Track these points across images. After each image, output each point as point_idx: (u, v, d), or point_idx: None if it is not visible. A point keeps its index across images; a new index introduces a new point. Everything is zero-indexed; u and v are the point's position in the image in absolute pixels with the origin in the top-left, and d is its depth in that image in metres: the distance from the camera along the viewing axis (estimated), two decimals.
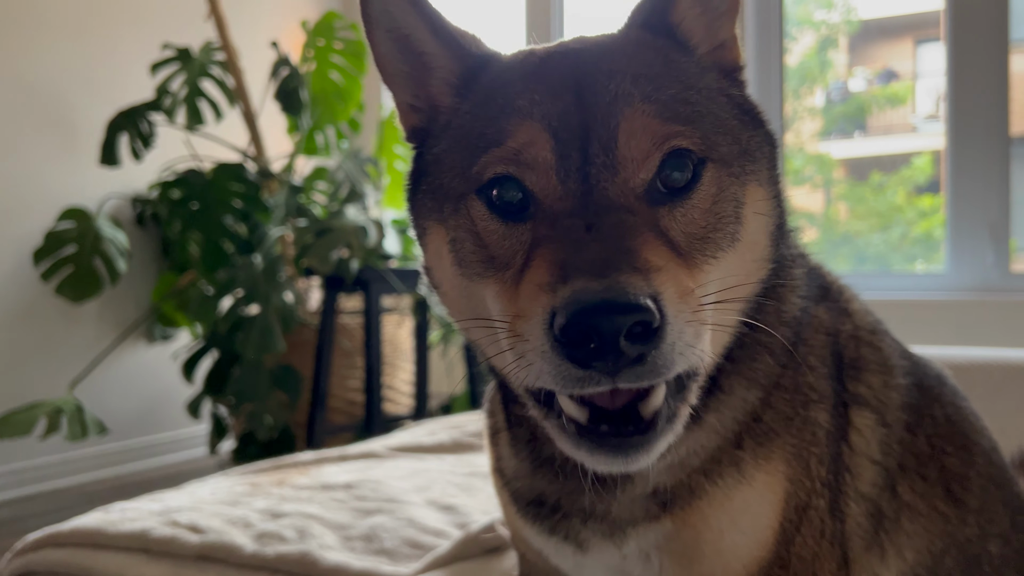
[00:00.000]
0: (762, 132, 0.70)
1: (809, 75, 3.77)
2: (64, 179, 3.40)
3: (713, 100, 0.65)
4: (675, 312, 0.51)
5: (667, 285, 0.52)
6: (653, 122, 0.60)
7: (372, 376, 3.08)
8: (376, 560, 1.28)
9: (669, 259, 0.55)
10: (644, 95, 0.60)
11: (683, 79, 0.64)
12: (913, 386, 0.85)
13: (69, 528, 1.50)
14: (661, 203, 0.60)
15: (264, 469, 1.81)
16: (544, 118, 0.60)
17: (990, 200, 2.93)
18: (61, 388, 3.24)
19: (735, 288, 0.63)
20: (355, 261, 3.04)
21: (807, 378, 0.74)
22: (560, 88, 0.61)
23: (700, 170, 0.61)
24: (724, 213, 0.62)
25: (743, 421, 0.72)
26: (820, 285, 0.83)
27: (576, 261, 0.51)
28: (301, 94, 3.20)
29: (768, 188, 0.68)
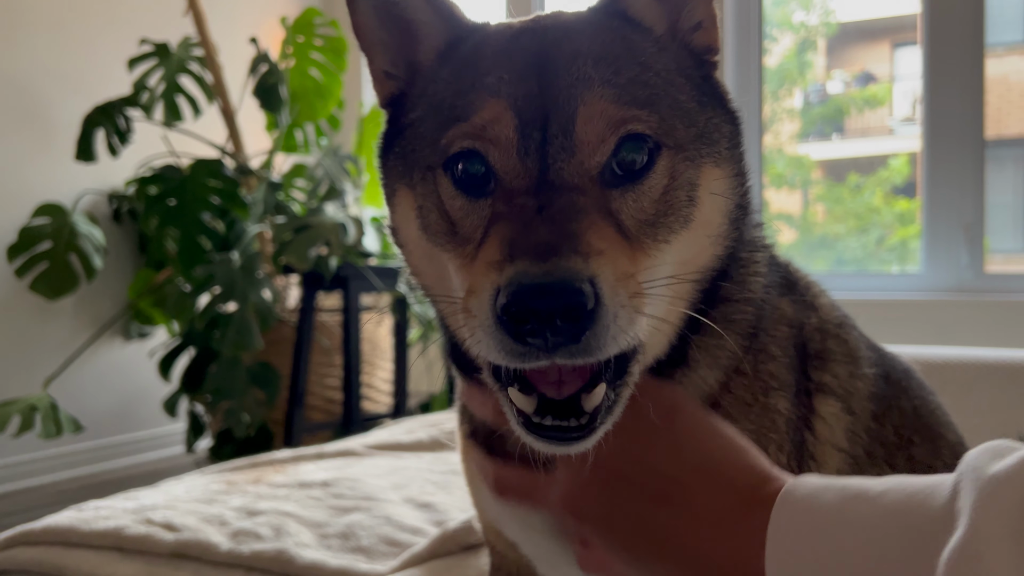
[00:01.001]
0: (722, 112, 0.70)
1: (788, 77, 3.80)
2: (39, 174, 3.37)
3: (672, 83, 0.66)
4: (611, 295, 0.53)
5: (605, 269, 0.54)
6: (610, 106, 0.61)
7: (351, 374, 3.07)
8: (353, 558, 1.27)
9: (613, 242, 0.57)
10: (603, 79, 0.61)
11: (642, 61, 0.66)
12: (880, 377, 0.87)
13: (42, 526, 1.49)
14: (615, 185, 0.61)
15: (240, 467, 1.80)
16: (510, 96, 0.61)
17: (965, 202, 2.96)
18: (35, 385, 3.21)
19: (689, 263, 0.66)
20: (334, 259, 3.03)
21: (767, 365, 0.76)
22: (527, 69, 0.62)
23: (655, 155, 0.63)
24: (677, 198, 0.64)
25: (703, 399, 0.74)
26: (786, 279, 0.84)
27: (523, 242, 0.54)
28: (280, 91, 3.18)
29: (727, 167, 0.69)
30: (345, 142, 3.99)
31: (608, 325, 0.53)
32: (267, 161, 3.38)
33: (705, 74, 0.71)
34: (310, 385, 3.22)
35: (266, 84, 3.19)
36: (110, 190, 3.59)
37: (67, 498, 3.09)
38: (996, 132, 3.03)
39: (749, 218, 0.75)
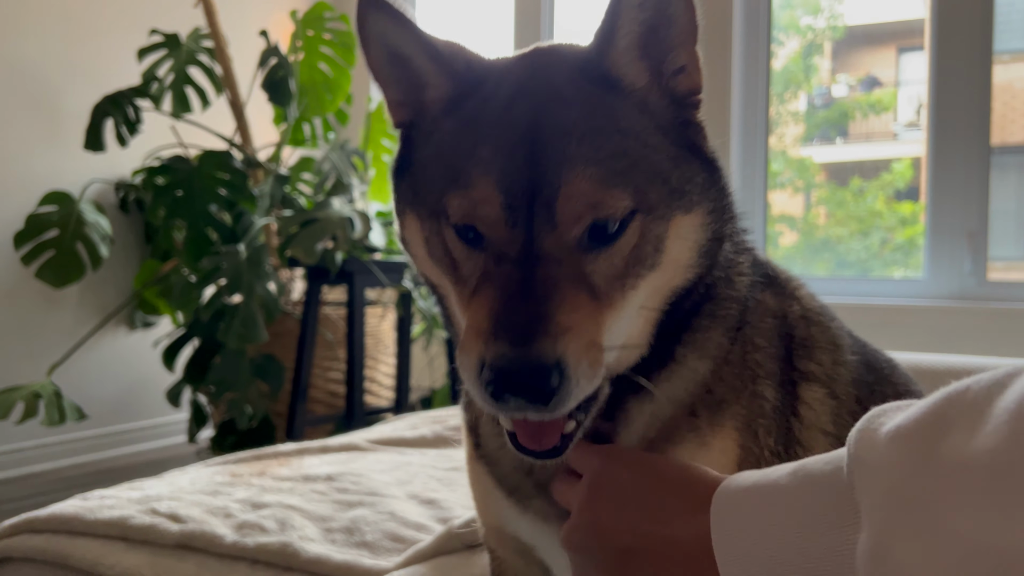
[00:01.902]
0: (698, 161, 0.73)
1: (793, 80, 3.80)
2: (47, 162, 3.38)
3: (649, 145, 0.70)
4: (575, 368, 0.63)
5: (571, 345, 0.63)
6: (590, 187, 0.66)
7: (354, 368, 3.08)
8: (357, 553, 1.29)
9: (582, 310, 0.65)
10: (584, 159, 0.66)
11: (622, 128, 0.70)
12: (862, 364, 0.91)
13: (46, 514, 1.50)
14: (590, 250, 0.67)
15: (245, 459, 1.81)
16: (500, 176, 0.67)
17: (969, 208, 2.97)
18: (39, 373, 3.22)
19: (659, 291, 0.73)
20: (339, 253, 3.03)
21: (754, 355, 0.81)
22: (516, 144, 0.67)
23: (628, 220, 0.68)
24: (644, 251, 0.70)
25: (695, 392, 0.78)
26: (766, 275, 0.88)
27: (504, 320, 0.63)
28: (289, 84, 3.19)
29: (699, 210, 0.73)
30: (352, 137, 4.00)
31: (571, 391, 0.63)
32: (275, 154, 3.39)
33: (685, 119, 0.74)
34: (313, 378, 3.23)
35: (275, 77, 3.20)
36: (117, 179, 3.60)
37: (69, 485, 3.10)
38: (1000, 139, 3.03)
39: (733, 229, 0.81)
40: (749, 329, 0.81)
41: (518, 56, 0.78)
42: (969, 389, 0.51)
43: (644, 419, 0.78)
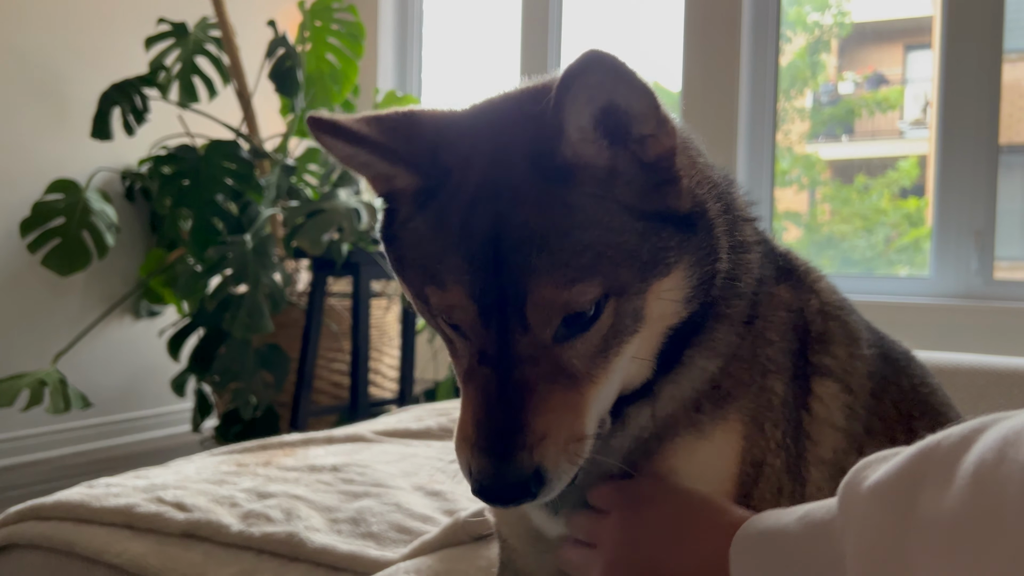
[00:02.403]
0: (671, 227, 0.72)
1: (800, 76, 3.79)
2: (54, 150, 3.38)
3: (612, 229, 0.69)
4: (554, 471, 0.67)
5: (550, 451, 0.66)
6: (555, 292, 0.67)
7: (358, 360, 3.09)
8: (363, 544, 1.29)
9: (561, 408, 0.68)
10: (546, 266, 0.67)
11: (582, 222, 0.68)
12: (878, 356, 0.91)
13: (52, 501, 1.50)
14: (566, 339, 0.69)
15: (250, 449, 1.81)
16: (469, 285, 0.69)
17: (977, 207, 2.96)
18: (45, 360, 3.22)
19: (648, 339, 0.74)
20: (345, 244, 3.03)
21: (765, 350, 0.81)
22: (481, 254, 0.68)
23: (601, 305, 0.69)
24: (623, 325, 0.70)
25: (701, 389, 0.78)
26: (783, 267, 0.88)
27: (484, 429, 0.67)
28: (296, 75, 3.18)
29: (680, 268, 0.73)
30: None
31: (552, 490, 0.68)
32: (281, 144, 3.38)
33: (658, 180, 0.72)
34: (317, 369, 3.24)
35: (282, 67, 3.19)
36: (123, 168, 3.60)
37: (74, 473, 3.11)
38: (1007, 139, 3.02)
39: (736, 233, 0.81)
40: (760, 323, 0.81)
41: (480, 131, 0.75)
42: (940, 445, 0.52)
43: (643, 419, 0.78)
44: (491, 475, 0.66)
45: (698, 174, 0.77)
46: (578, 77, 0.65)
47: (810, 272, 0.91)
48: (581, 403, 0.69)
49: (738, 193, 0.85)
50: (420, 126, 0.76)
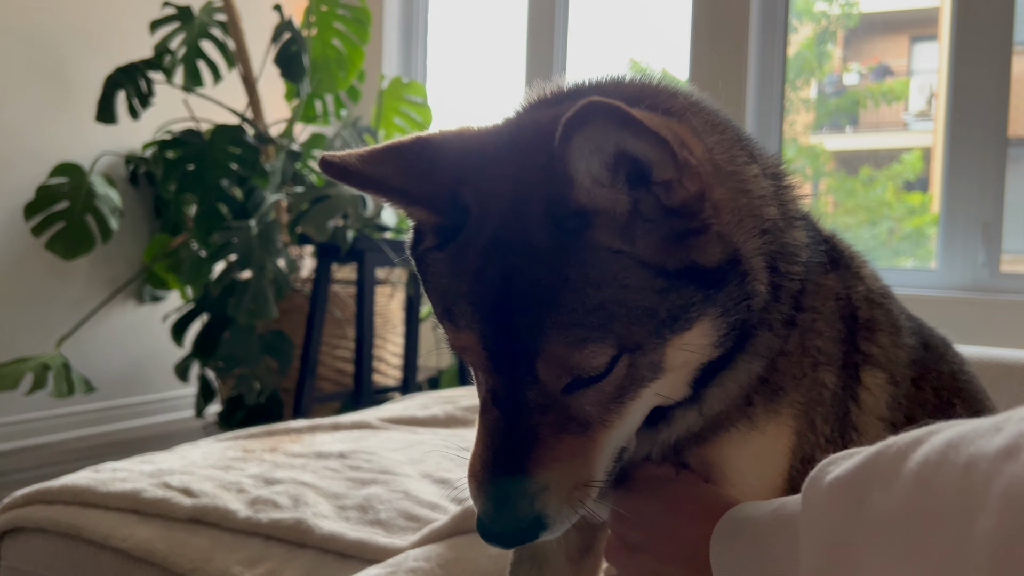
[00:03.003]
0: (694, 285, 0.68)
1: (806, 66, 3.77)
2: (58, 133, 3.36)
3: (628, 286, 0.65)
4: (555, 518, 0.67)
5: (552, 500, 0.67)
6: (566, 351, 0.65)
7: (363, 346, 3.08)
8: (371, 531, 1.29)
9: (567, 457, 0.68)
10: (557, 324, 0.65)
11: (596, 280, 0.65)
12: (919, 345, 0.90)
13: (59, 485, 1.50)
14: (577, 389, 0.67)
15: (256, 435, 1.81)
16: (481, 334, 0.68)
17: (984, 200, 2.95)
18: (48, 344, 3.22)
19: (676, 380, 0.72)
20: (350, 231, 3.02)
21: (815, 341, 0.80)
22: (493, 304, 0.67)
23: (614, 363, 0.67)
24: (639, 375, 0.68)
25: (749, 385, 0.77)
26: (830, 254, 0.86)
27: (491, 470, 0.68)
28: (302, 60, 3.17)
29: (704, 320, 0.69)
30: (364, 114, 3.98)
31: (554, 532, 0.69)
32: (287, 130, 3.37)
33: (685, 230, 0.67)
34: (321, 356, 3.23)
35: (288, 52, 3.18)
36: (128, 152, 3.58)
37: (77, 457, 3.12)
38: (1014, 131, 3.01)
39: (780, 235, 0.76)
40: (809, 315, 0.80)
41: (502, 166, 0.71)
42: (893, 444, 0.52)
43: (691, 418, 0.77)
44: (493, 519, 0.68)
45: (741, 207, 0.72)
46: (578, 129, 0.61)
47: (855, 258, 0.90)
48: (592, 448, 0.69)
49: (790, 194, 0.80)
50: (439, 160, 0.73)
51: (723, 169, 0.72)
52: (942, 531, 0.46)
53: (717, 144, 0.74)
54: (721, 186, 0.71)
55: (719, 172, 0.72)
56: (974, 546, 0.43)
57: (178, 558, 1.29)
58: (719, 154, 0.73)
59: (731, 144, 0.76)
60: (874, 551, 0.50)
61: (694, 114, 0.75)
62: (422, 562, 1.15)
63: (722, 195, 0.70)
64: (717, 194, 0.70)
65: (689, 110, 0.75)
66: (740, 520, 0.67)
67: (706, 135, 0.74)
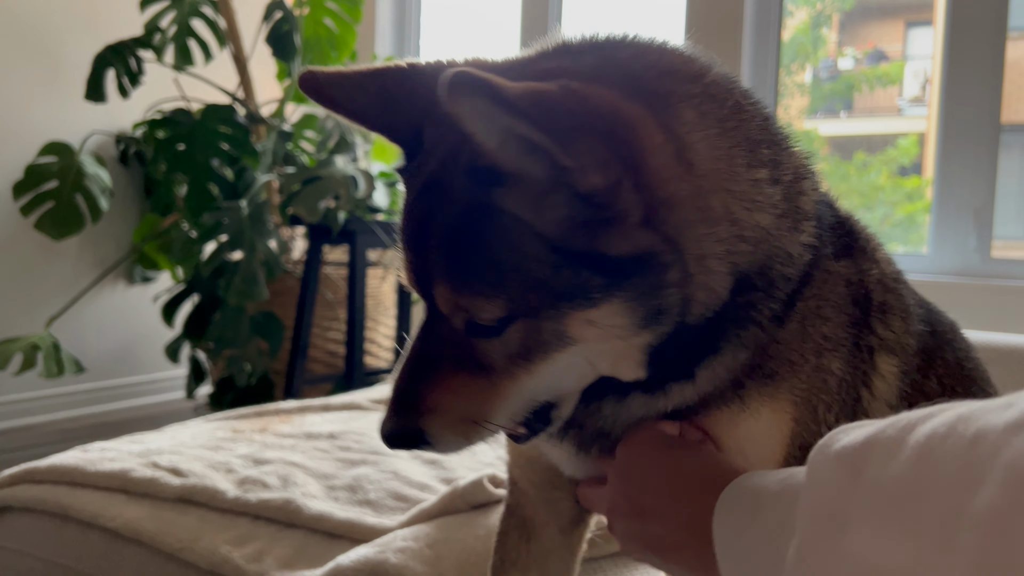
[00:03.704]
0: (588, 271, 0.67)
1: (801, 51, 3.76)
2: (46, 112, 3.33)
3: (524, 253, 0.66)
4: (438, 437, 0.72)
5: (435, 422, 0.71)
6: (454, 295, 0.69)
7: (354, 328, 3.07)
8: (360, 511, 1.29)
9: (458, 390, 0.71)
10: (450, 269, 0.68)
11: (493, 242, 0.67)
12: (927, 332, 0.89)
13: (46, 465, 1.50)
14: (478, 335, 0.70)
15: (246, 415, 1.81)
16: (406, 263, 0.73)
17: (977, 185, 2.95)
18: (38, 324, 3.21)
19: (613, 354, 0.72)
20: (342, 212, 3.01)
21: (821, 328, 0.78)
22: (414, 241, 0.72)
23: (508, 321, 0.69)
24: (542, 340, 0.69)
25: (737, 369, 0.76)
26: (845, 237, 0.84)
27: (394, 387, 0.73)
28: (294, 39, 3.14)
29: (609, 302, 0.68)
30: None
31: (442, 448, 0.73)
32: (278, 110, 3.35)
33: (593, 218, 0.66)
34: (312, 338, 3.22)
35: (280, 31, 3.15)
36: (118, 132, 3.56)
37: (66, 437, 3.11)
38: (1007, 118, 3.00)
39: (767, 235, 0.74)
40: (812, 303, 0.78)
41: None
42: (904, 417, 0.52)
43: (687, 393, 0.77)
44: (385, 421, 0.73)
45: (712, 209, 0.70)
46: (457, 97, 0.60)
47: (870, 240, 0.88)
48: (492, 391, 0.71)
49: (804, 194, 0.78)
50: (418, 89, 0.73)
51: (698, 167, 0.69)
52: (940, 500, 0.45)
53: (708, 140, 0.71)
54: (684, 184, 0.68)
55: (689, 170, 0.69)
56: (970, 516, 0.42)
57: (166, 537, 1.29)
58: (704, 151, 0.70)
59: (735, 143, 0.73)
60: (868, 517, 0.49)
61: (692, 101, 0.72)
62: (411, 542, 1.15)
63: (681, 193, 0.68)
64: (672, 191, 0.68)
65: (685, 96, 0.71)
66: (747, 488, 0.66)
67: (695, 129, 0.70)
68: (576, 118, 0.63)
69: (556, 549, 0.94)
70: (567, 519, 0.93)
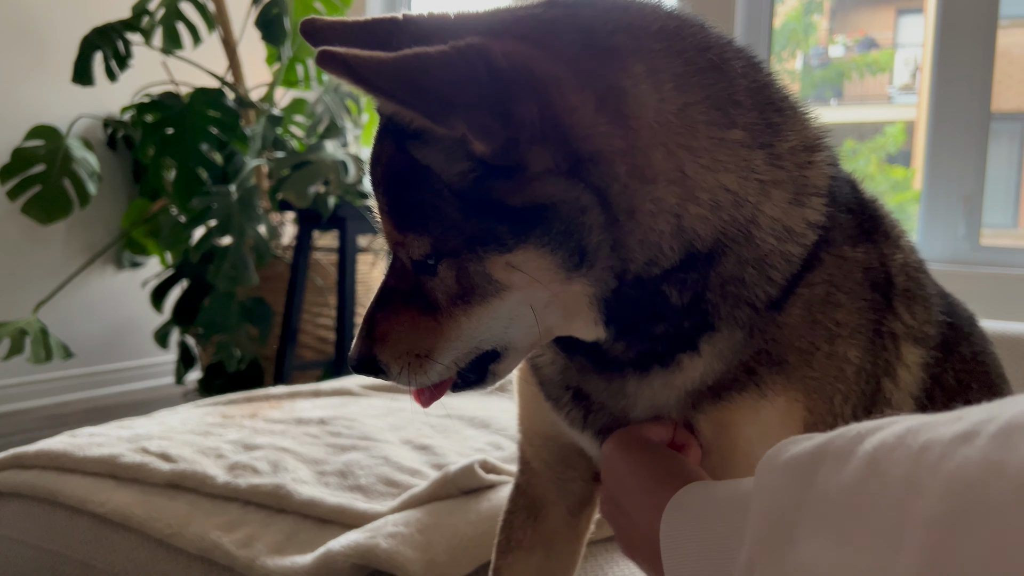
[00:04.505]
0: (492, 218, 0.70)
1: (792, 38, 3.76)
2: (33, 95, 3.30)
3: (441, 197, 0.71)
4: (390, 366, 0.76)
5: (386, 351, 0.76)
6: (392, 231, 0.75)
7: (344, 314, 3.07)
8: (351, 496, 1.28)
9: (408, 324, 0.75)
10: (387, 208, 0.75)
11: (417, 187, 0.72)
12: (947, 324, 0.88)
13: (35, 450, 1.49)
14: (422, 273, 0.74)
15: (236, 401, 1.80)
16: (375, 203, 0.78)
17: (966, 174, 2.95)
18: (25, 310, 3.19)
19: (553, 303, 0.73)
20: (332, 197, 3.00)
21: (834, 314, 0.77)
22: (372, 182, 0.77)
23: (438, 260, 0.73)
24: (475, 283, 0.72)
25: (740, 351, 0.76)
26: (869, 224, 0.83)
27: (363, 324, 0.78)
28: (284, 22, 3.12)
29: (526, 247, 0.70)
30: None
31: (394, 377, 0.76)
32: (267, 94, 3.32)
33: (484, 174, 0.69)
34: (302, 323, 3.22)
35: (269, 15, 3.12)
36: (105, 115, 3.53)
37: (55, 423, 3.09)
38: (996, 106, 3.01)
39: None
40: (821, 288, 0.77)
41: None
42: (854, 428, 0.52)
43: (698, 371, 0.76)
44: (352, 351, 0.78)
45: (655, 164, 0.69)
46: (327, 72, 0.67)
47: (895, 226, 0.87)
48: (436, 329, 0.75)
49: (806, 167, 0.77)
50: (405, 43, 0.72)
51: (637, 121, 0.69)
52: (884, 510, 0.45)
53: (658, 94, 0.70)
54: (614, 138, 0.69)
55: (623, 123, 0.69)
56: (915, 524, 0.43)
57: (156, 523, 1.28)
58: (650, 104, 0.69)
59: (696, 100, 0.71)
60: (818, 526, 0.49)
61: (645, 56, 0.71)
62: (401, 527, 1.15)
63: (610, 147, 0.69)
64: (597, 145, 0.68)
65: (637, 51, 0.71)
66: (696, 495, 0.67)
67: (641, 82, 0.70)
68: (455, 86, 0.65)
69: (562, 530, 0.93)
70: (576, 499, 0.93)
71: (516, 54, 0.67)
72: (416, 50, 0.65)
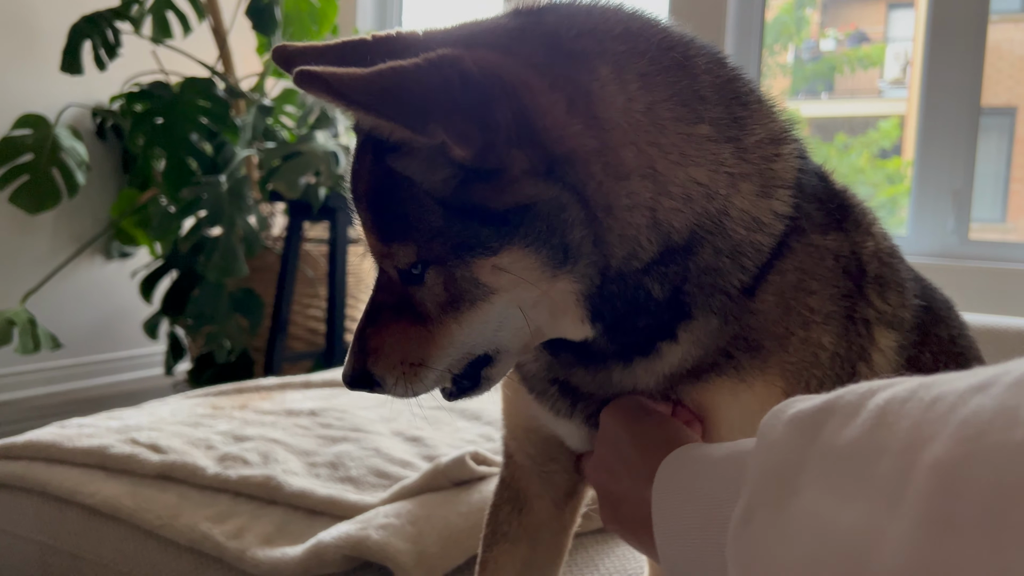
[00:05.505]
0: (476, 222, 0.72)
1: (784, 31, 3.76)
2: (21, 84, 3.28)
3: (423, 206, 0.72)
4: (383, 378, 0.76)
5: (379, 364, 0.76)
6: (377, 243, 0.75)
7: (335, 306, 3.06)
8: (342, 488, 1.28)
9: (398, 335, 0.76)
10: (372, 222, 0.75)
11: (400, 197, 0.72)
12: (922, 307, 0.89)
13: (23, 441, 1.48)
14: (409, 284, 0.75)
15: (226, 392, 1.79)
16: (359, 222, 0.79)
17: (956, 168, 2.96)
18: (13, 300, 3.17)
19: (537, 303, 0.74)
20: (323, 188, 2.99)
21: (807, 300, 0.78)
22: (352, 197, 0.77)
23: (424, 269, 0.73)
24: (463, 289, 0.73)
25: (717, 336, 0.77)
26: (839, 213, 0.84)
27: (354, 339, 0.78)
28: (274, 12, 3.10)
29: (511, 249, 0.72)
30: None
31: (389, 389, 0.77)
32: (258, 84, 3.31)
33: (466, 179, 0.70)
34: (292, 315, 3.21)
35: (260, 4, 3.11)
36: (95, 105, 3.51)
37: (43, 414, 3.08)
38: (986, 101, 3.02)
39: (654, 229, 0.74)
40: (793, 275, 0.78)
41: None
42: (864, 384, 0.52)
43: (677, 356, 0.78)
44: (345, 368, 0.78)
45: (626, 162, 0.71)
46: (308, 94, 0.68)
47: (866, 214, 0.88)
48: (428, 338, 0.75)
49: (772, 160, 0.78)
50: (370, 61, 0.73)
51: (607, 121, 0.71)
52: (894, 458, 0.45)
53: (625, 94, 0.72)
54: (586, 138, 0.70)
55: (593, 124, 0.71)
56: (920, 470, 0.42)
57: (146, 514, 1.28)
58: (618, 104, 0.71)
59: (663, 98, 0.73)
60: (819, 476, 0.49)
61: (610, 58, 0.72)
62: (392, 518, 1.15)
63: (583, 147, 0.70)
64: (571, 145, 0.70)
65: (602, 53, 0.72)
66: (689, 456, 0.67)
67: (609, 84, 0.71)
68: (431, 95, 0.66)
69: (548, 522, 0.94)
70: (561, 492, 0.93)
71: (486, 61, 0.69)
72: (391, 64, 0.66)
